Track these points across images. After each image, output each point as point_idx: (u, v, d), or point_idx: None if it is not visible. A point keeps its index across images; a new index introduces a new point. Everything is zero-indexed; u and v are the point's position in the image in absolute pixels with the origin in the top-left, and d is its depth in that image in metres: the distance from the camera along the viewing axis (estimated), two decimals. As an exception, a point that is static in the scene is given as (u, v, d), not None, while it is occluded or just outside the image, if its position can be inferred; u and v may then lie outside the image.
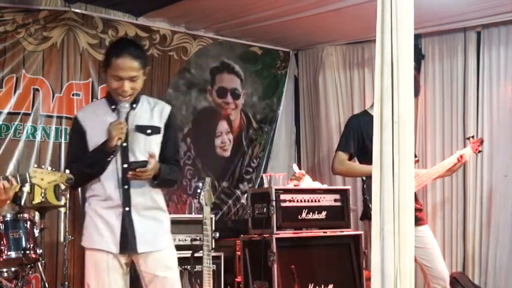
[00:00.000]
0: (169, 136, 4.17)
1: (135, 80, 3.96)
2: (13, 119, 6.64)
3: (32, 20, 6.74)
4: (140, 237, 3.98)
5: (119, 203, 3.96)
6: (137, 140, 4.01)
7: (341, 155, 5.73)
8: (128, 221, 3.97)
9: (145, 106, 4.13)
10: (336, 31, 7.75)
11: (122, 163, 3.97)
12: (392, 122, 3.26)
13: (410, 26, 3.37)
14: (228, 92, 8.20)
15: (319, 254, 6.43)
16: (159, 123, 4.12)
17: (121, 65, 3.91)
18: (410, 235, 3.22)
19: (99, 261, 3.96)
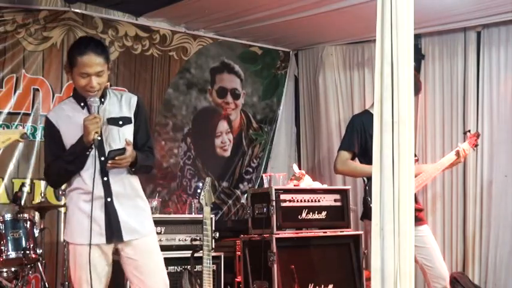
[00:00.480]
0: (140, 124, 4.24)
1: (101, 75, 4.02)
2: (13, 119, 6.65)
3: (32, 20, 6.74)
4: (125, 226, 4.07)
5: (100, 195, 4.02)
6: (111, 132, 4.10)
7: (344, 155, 5.72)
8: (111, 211, 4.05)
9: (113, 99, 4.21)
10: (336, 31, 7.75)
11: (99, 156, 4.02)
12: (392, 121, 3.26)
13: (410, 26, 3.36)
14: (228, 92, 8.20)
15: (319, 254, 6.43)
16: (129, 113, 4.20)
17: (87, 62, 3.98)
18: (410, 235, 3.22)
19: (84, 255, 3.98)
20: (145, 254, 4.14)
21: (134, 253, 4.12)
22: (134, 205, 4.16)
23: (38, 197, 6.63)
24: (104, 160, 4.03)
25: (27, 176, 6.66)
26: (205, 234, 5.02)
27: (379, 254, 3.23)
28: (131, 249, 4.12)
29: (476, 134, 6.17)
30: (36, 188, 6.68)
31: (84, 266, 3.97)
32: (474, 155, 6.94)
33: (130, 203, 4.14)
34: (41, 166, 6.66)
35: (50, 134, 4.17)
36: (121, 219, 4.06)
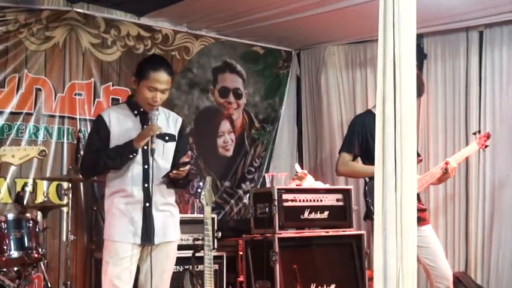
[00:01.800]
0: (181, 144, 4.65)
1: (165, 93, 4.42)
2: (15, 118, 6.65)
3: (35, 20, 6.75)
4: (157, 230, 4.40)
5: (140, 199, 4.36)
6: (157, 146, 4.41)
7: (345, 156, 5.71)
8: (148, 215, 4.37)
9: (162, 116, 4.56)
10: (338, 31, 7.75)
11: (143, 164, 4.39)
12: (395, 121, 3.26)
13: (412, 26, 3.36)
14: (230, 91, 8.20)
15: (321, 253, 6.43)
16: (174, 132, 4.58)
17: (158, 78, 4.36)
18: (412, 235, 3.21)
19: (119, 250, 4.32)
20: (163, 258, 4.47)
21: (158, 256, 4.43)
22: (168, 212, 4.53)
23: (40, 196, 6.64)
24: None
25: (29, 176, 6.66)
26: (206, 234, 5.03)
27: (382, 254, 3.23)
28: (156, 252, 4.43)
29: (486, 135, 6.14)
30: (38, 187, 6.69)
31: (118, 262, 4.30)
32: (477, 155, 6.92)
33: (165, 209, 4.50)
34: (43, 166, 6.71)
35: (99, 131, 4.46)
36: (156, 225, 4.39)
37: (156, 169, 4.39)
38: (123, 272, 4.32)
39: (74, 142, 6.86)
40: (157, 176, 4.40)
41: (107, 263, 4.36)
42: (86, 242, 6.86)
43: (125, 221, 4.35)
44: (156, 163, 4.39)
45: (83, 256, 6.82)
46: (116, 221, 4.37)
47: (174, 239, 4.55)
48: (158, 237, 4.40)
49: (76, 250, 6.68)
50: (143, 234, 4.35)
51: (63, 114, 6.92)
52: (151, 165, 4.37)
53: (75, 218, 6.53)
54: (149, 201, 4.38)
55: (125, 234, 4.34)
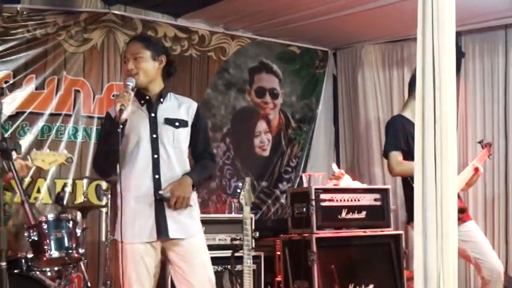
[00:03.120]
0: (199, 131, 4.35)
1: (137, 59, 4.18)
2: (55, 120, 6.73)
3: (73, 22, 6.82)
4: (172, 224, 4.13)
5: (150, 192, 4.12)
6: (166, 132, 4.19)
7: (395, 155, 5.50)
8: (160, 208, 4.12)
9: (173, 102, 4.33)
10: (375, 30, 7.72)
11: (153, 154, 4.14)
12: (434, 120, 3.24)
13: (451, 24, 3.34)
14: (267, 91, 8.21)
15: (359, 253, 6.40)
16: (186, 117, 4.30)
17: (128, 48, 4.29)
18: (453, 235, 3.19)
19: (135, 253, 4.10)
20: (191, 255, 4.19)
21: (180, 253, 4.17)
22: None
23: (79, 197, 6.71)
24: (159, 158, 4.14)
25: (69, 177, 6.74)
26: (246, 233, 5.02)
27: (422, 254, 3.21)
28: (177, 249, 4.17)
29: (489, 144, 6.05)
30: (78, 188, 6.76)
31: (135, 265, 4.08)
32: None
33: None
34: (83, 166, 6.77)
35: (103, 127, 4.42)
36: (168, 217, 4.12)
37: (166, 159, 4.16)
38: (141, 273, 4.09)
39: (113, 143, 6.91)
40: (167, 166, 4.15)
41: (125, 264, 4.11)
42: (124, 242, 6.90)
43: (135, 219, 4.10)
44: (166, 152, 4.16)
45: (122, 256, 6.86)
46: (126, 220, 4.12)
47: (194, 234, 4.23)
48: (173, 231, 4.13)
49: (115, 250, 6.72)
50: (157, 228, 4.09)
51: (101, 116, 6.95)
52: (161, 155, 4.15)
53: (114, 218, 6.56)
54: (159, 194, 4.11)
55: (137, 234, 4.10)
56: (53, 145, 6.65)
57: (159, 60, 4.25)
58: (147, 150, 4.14)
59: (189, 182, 4.16)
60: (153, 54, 4.22)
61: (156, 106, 4.23)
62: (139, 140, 4.15)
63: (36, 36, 6.64)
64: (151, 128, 4.17)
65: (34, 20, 6.60)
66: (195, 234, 4.24)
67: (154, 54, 4.23)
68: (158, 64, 4.25)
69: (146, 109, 4.22)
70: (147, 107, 4.22)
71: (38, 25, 6.63)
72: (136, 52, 4.19)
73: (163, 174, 4.14)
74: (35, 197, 6.57)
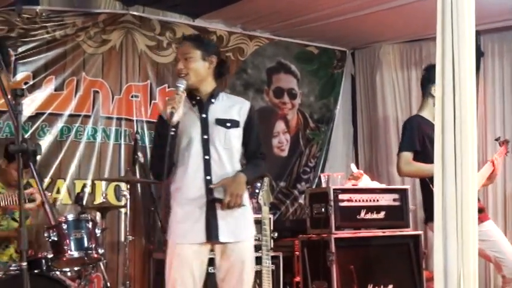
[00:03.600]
0: (251, 131, 4.31)
1: (187, 59, 4.16)
2: (74, 120, 6.76)
3: (92, 23, 6.86)
4: (222, 227, 4.08)
5: (202, 194, 4.09)
6: (218, 133, 4.17)
7: (406, 155, 5.52)
8: (211, 210, 4.08)
9: (225, 101, 4.30)
10: (393, 29, 7.70)
11: (204, 155, 4.12)
12: (454, 120, 3.22)
13: (471, 24, 3.32)
14: (285, 92, 8.20)
15: (378, 254, 6.38)
16: (238, 118, 4.26)
17: (180, 49, 4.29)
18: (473, 234, 3.18)
19: (182, 255, 4.06)
20: (239, 260, 4.15)
21: (228, 257, 4.14)
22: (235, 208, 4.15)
23: (99, 197, 6.74)
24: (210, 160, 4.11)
25: (88, 177, 6.77)
26: (264, 234, 5.02)
27: (442, 255, 3.20)
28: (226, 253, 4.14)
29: (506, 141, 6.02)
30: (97, 188, 6.79)
31: (181, 265, 4.05)
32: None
33: None
34: (102, 167, 6.80)
35: (157, 130, 4.32)
36: (220, 220, 4.09)
37: (218, 159, 4.12)
38: (185, 276, 4.05)
39: (131, 143, 6.94)
40: (219, 167, 4.11)
41: (170, 265, 4.10)
42: (144, 242, 6.93)
43: (187, 220, 4.08)
44: (217, 153, 4.13)
45: (141, 256, 6.89)
46: (178, 221, 4.13)
47: (244, 239, 4.18)
48: (226, 235, 4.09)
49: (134, 250, 6.76)
50: (207, 231, 4.05)
51: (120, 116, 7.01)
52: (212, 156, 4.11)
53: (133, 219, 6.58)
54: (211, 195, 4.09)
55: (187, 235, 4.07)
56: (72, 146, 6.71)
57: (209, 60, 4.22)
58: (198, 151, 4.11)
59: (242, 179, 4.13)
60: (203, 54, 4.19)
61: (207, 106, 4.20)
62: (190, 141, 4.12)
63: (56, 37, 6.68)
64: (202, 128, 4.15)
65: (53, 21, 6.64)
66: (245, 240, 4.20)
67: (204, 54, 4.20)
68: (208, 64, 4.22)
69: (197, 110, 4.20)
70: (198, 108, 4.20)
71: (57, 26, 6.66)
72: (187, 52, 4.18)
73: (214, 175, 4.11)
74: (54, 198, 6.60)
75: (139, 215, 6.97)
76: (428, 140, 5.25)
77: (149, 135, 7.10)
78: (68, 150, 6.72)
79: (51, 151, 6.59)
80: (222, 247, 4.13)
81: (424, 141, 5.45)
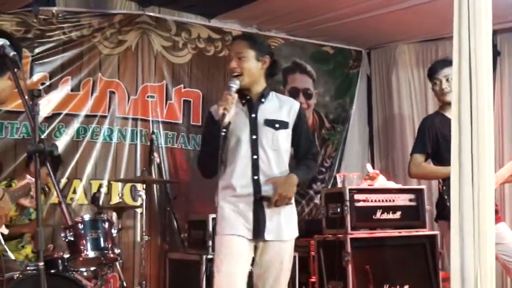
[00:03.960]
0: (301, 132, 4.30)
1: (241, 58, 4.15)
2: (90, 121, 6.80)
3: (108, 24, 6.89)
4: (268, 225, 4.09)
5: (250, 192, 4.09)
6: (266, 134, 4.15)
7: (417, 158, 5.51)
8: (259, 209, 4.08)
9: (275, 102, 4.28)
10: (409, 29, 7.67)
11: (252, 155, 4.11)
12: (471, 121, 3.21)
13: (488, 23, 3.31)
14: (300, 92, 8.19)
15: (394, 254, 6.35)
16: (287, 119, 4.24)
17: (232, 46, 4.33)
18: (490, 234, 3.16)
19: (233, 244, 4.05)
20: (279, 259, 4.15)
21: (270, 255, 4.13)
22: (281, 207, 4.14)
23: (115, 197, 6.77)
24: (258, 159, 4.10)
25: (104, 177, 6.80)
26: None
27: (459, 254, 3.19)
28: (268, 251, 4.12)
29: None
30: (113, 189, 6.82)
31: (234, 255, 4.02)
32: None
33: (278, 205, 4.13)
34: (118, 167, 6.82)
35: (207, 126, 4.31)
36: (267, 219, 4.09)
37: (266, 160, 4.11)
38: (237, 267, 4.02)
39: (147, 144, 6.97)
40: (267, 167, 4.10)
41: (220, 258, 4.07)
42: (159, 242, 6.95)
43: (236, 215, 4.07)
44: (265, 153, 4.11)
45: (157, 256, 6.91)
46: (226, 215, 4.10)
47: (288, 238, 4.17)
48: (270, 234, 4.08)
49: (150, 250, 6.77)
50: (254, 229, 4.05)
51: (136, 117, 7.03)
52: (260, 156, 4.10)
53: (149, 219, 6.59)
54: (259, 193, 4.08)
55: (237, 227, 4.05)
56: (88, 146, 6.74)
57: (263, 60, 4.21)
58: (246, 151, 4.11)
59: (295, 181, 4.13)
60: (257, 54, 4.18)
61: (257, 106, 4.19)
62: (239, 141, 4.12)
63: (72, 38, 6.71)
64: (251, 128, 4.14)
65: (70, 22, 6.68)
66: (287, 240, 4.19)
67: (258, 54, 4.19)
68: (262, 65, 4.21)
69: (247, 110, 4.19)
70: (248, 108, 4.19)
71: (73, 27, 6.70)
72: (241, 51, 4.17)
73: (262, 175, 4.10)
74: (71, 198, 6.64)
75: (155, 215, 6.99)
76: (443, 140, 5.23)
77: (165, 136, 7.13)
78: (84, 151, 6.75)
79: (67, 151, 6.63)
80: (264, 244, 4.12)
81: (438, 142, 5.41)
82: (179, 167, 7.26)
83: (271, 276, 4.13)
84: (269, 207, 4.08)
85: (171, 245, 6.87)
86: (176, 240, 6.94)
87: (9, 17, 6.41)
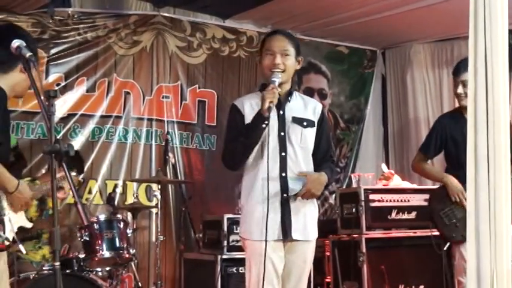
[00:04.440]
0: (323, 132, 4.28)
1: (285, 55, 4.13)
2: (105, 121, 6.82)
3: (123, 25, 6.92)
4: (294, 224, 4.05)
5: (277, 190, 4.05)
6: (294, 131, 4.14)
7: (420, 156, 5.53)
8: (285, 207, 4.05)
9: (299, 101, 4.27)
10: (424, 28, 7.65)
11: (280, 152, 4.09)
12: (487, 120, 3.19)
13: (504, 23, 3.29)
14: (315, 92, 8.18)
15: (409, 254, 6.35)
16: (313, 118, 4.23)
17: (273, 41, 4.17)
18: (507, 235, 3.14)
19: (261, 251, 3.98)
20: (302, 259, 4.13)
21: (295, 254, 4.10)
22: (306, 207, 4.14)
23: (130, 198, 6.78)
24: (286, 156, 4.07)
25: (119, 178, 6.82)
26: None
27: (475, 256, 3.17)
28: (293, 250, 4.10)
29: None
30: (128, 189, 6.84)
31: (262, 263, 3.97)
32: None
33: (305, 202, 4.12)
34: (133, 168, 6.85)
35: (233, 118, 4.23)
36: (293, 217, 4.05)
37: (294, 157, 4.08)
38: (268, 273, 3.97)
39: (162, 144, 6.99)
40: (294, 164, 4.08)
41: (250, 262, 4.08)
42: (174, 242, 6.96)
43: (262, 217, 3.99)
44: (293, 150, 4.09)
45: (172, 256, 6.93)
46: (252, 218, 4.06)
47: (313, 238, 4.17)
48: (296, 233, 4.05)
49: (165, 250, 6.79)
50: (282, 229, 4.01)
51: (151, 117, 7.05)
52: (289, 153, 4.07)
53: (164, 219, 6.62)
54: (286, 192, 4.05)
55: (262, 232, 3.96)
56: (103, 146, 6.77)
57: (298, 60, 4.23)
58: (274, 147, 4.08)
59: (325, 180, 4.12)
60: (296, 53, 4.20)
61: (284, 104, 4.16)
62: (267, 137, 4.06)
63: (87, 39, 6.74)
64: (279, 125, 4.11)
65: (85, 23, 6.71)
66: (311, 240, 4.18)
67: (296, 53, 4.20)
68: (297, 64, 4.23)
69: (275, 106, 4.10)
70: (276, 105, 4.09)
71: (88, 28, 6.73)
72: (285, 48, 4.15)
73: (290, 172, 4.08)
74: (86, 198, 6.67)
75: (170, 215, 7.01)
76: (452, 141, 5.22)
77: (179, 136, 7.15)
78: (100, 151, 6.78)
79: (82, 152, 6.64)
80: (291, 243, 4.08)
81: (447, 143, 5.37)
82: (194, 167, 7.27)
83: (294, 276, 4.12)
84: (294, 201, 4.05)
85: (186, 245, 6.89)
86: (191, 240, 6.95)
87: (25, 18, 6.44)
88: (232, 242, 6.27)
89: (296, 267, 4.11)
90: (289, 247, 4.09)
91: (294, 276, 4.12)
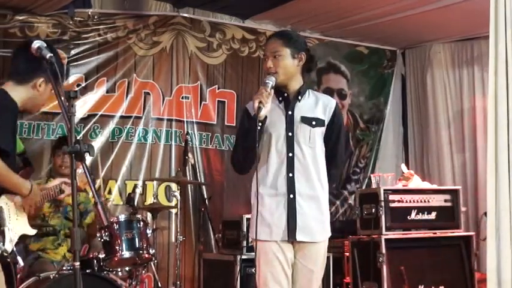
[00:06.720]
0: (334, 130, 4.22)
1: (277, 57, 4.09)
2: (125, 122, 6.85)
3: (142, 26, 6.94)
4: (301, 225, 4.02)
5: (283, 191, 4.04)
6: (302, 131, 4.10)
7: None
8: (292, 208, 4.02)
9: (311, 99, 4.22)
10: (444, 28, 7.62)
11: (287, 152, 4.06)
12: (508, 120, 3.18)
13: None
14: (335, 92, 8.17)
15: (429, 255, 6.32)
16: (323, 116, 4.17)
17: (267, 44, 4.22)
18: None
19: (268, 251, 4.01)
20: (312, 261, 4.10)
21: (303, 256, 4.08)
22: (316, 207, 4.09)
23: (150, 198, 6.81)
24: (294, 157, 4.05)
25: (139, 178, 6.85)
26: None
27: (495, 256, 3.16)
28: (301, 251, 4.08)
29: None
30: (148, 189, 6.87)
31: (270, 263, 3.99)
32: None
33: (312, 204, 4.08)
34: (153, 168, 6.87)
35: (242, 122, 4.23)
36: (299, 218, 4.02)
37: (301, 157, 4.04)
38: (276, 273, 3.99)
39: (182, 144, 7.00)
40: (302, 165, 4.04)
41: (258, 263, 4.04)
42: (194, 242, 6.97)
43: (269, 217, 4.01)
44: (301, 151, 4.05)
45: (192, 256, 6.93)
46: (260, 219, 3.99)
47: (320, 239, 4.09)
48: (301, 234, 4.01)
49: (185, 251, 6.80)
50: (288, 230, 3.99)
51: (170, 117, 7.07)
52: (296, 154, 4.03)
53: (183, 219, 6.62)
54: (293, 192, 4.02)
55: (272, 232, 3.99)
56: (123, 147, 6.79)
57: (299, 57, 4.15)
58: (282, 148, 4.06)
59: None
60: (292, 51, 4.13)
61: (294, 104, 4.13)
62: (274, 138, 4.07)
63: (107, 39, 6.78)
64: (287, 126, 4.08)
65: (105, 24, 6.74)
66: (321, 241, 4.12)
67: (294, 51, 4.13)
68: (298, 61, 4.15)
69: (283, 106, 4.13)
70: (284, 105, 4.13)
71: (108, 29, 6.76)
72: (276, 50, 4.11)
73: (297, 172, 4.05)
74: (106, 198, 6.69)
75: (190, 216, 7.02)
76: None
77: (199, 136, 7.16)
78: (119, 151, 6.81)
79: (102, 152, 6.68)
80: (298, 245, 4.06)
81: None
82: (213, 168, 7.28)
83: (304, 278, 4.09)
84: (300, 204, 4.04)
85: (206, 245, 6.90)
86: (210, 241, 6.96)
87: (45, 19, 6.48)
88: (251, 243, 6.27)
89: (305, 269, 4.08)
90: (297, 249, 4.07)
91: (304, 278, 4.08)
